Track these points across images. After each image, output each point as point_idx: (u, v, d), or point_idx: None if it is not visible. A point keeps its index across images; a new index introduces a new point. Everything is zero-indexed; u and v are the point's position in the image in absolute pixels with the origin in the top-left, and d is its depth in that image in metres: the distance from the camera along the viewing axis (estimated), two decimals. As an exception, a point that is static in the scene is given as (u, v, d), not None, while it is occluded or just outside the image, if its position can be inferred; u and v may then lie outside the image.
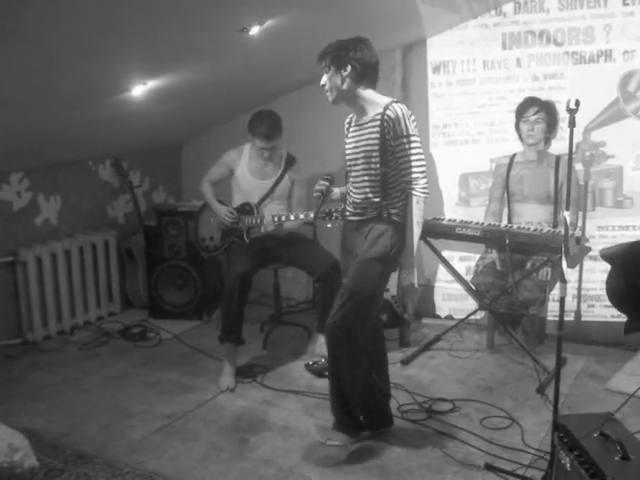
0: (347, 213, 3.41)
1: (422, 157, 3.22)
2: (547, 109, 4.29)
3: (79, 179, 5.19)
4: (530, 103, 4.32)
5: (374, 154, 3.21)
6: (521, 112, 4.34)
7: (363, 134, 3.24)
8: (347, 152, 3.36)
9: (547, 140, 4.35)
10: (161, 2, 2.75)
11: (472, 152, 4.86)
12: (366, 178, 3.26)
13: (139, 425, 3.67)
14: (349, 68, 3.15)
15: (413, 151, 3.19)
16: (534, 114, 4.27)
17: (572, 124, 2.83)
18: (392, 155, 3.19)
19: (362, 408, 3.44)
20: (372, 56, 3.20)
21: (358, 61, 3.16)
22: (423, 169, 3.21)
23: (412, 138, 3.19)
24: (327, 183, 3.35)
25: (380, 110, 3.20)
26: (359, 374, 3.35)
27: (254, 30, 3.35)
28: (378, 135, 3.18)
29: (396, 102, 3.22)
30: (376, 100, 3.25)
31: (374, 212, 3.27)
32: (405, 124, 3.15)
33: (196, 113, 5.13)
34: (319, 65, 3.22)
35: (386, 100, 3.24)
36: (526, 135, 4.32)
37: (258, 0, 3.15)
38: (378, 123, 3.19)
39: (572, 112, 2.83)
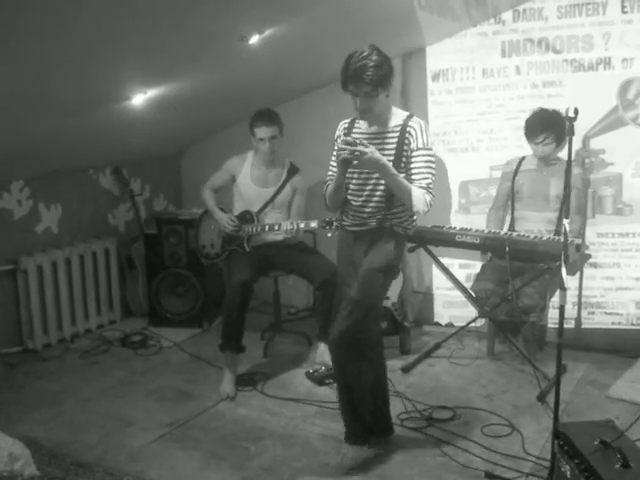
0: (345, 223, 3.39)
1: (433, 172, 3.20)
2: (555, 127, 4.15)
3: (80, 187, 5.20)
4: (538, 129, 4.18)
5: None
6: (529, 135, 4.24)
7: (378, 144, 3.19)
8: None
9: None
10: (162, 11, 2.77)
11: (472, 160, 4.87)
12: (373, 187, 3.23)
13: (139, 433, 3.67)
14: (389, 86, 3.15)
15: (428, 164, 3.18)
16: (543, 140, 4.19)
17: (571, 132, 2.84)
18: (404, 167, 3.19)
19: (371, 415, 3.43)
20: None
21: (392, 75, 3.16)
22: (432, 182, 3.19)
23: (430, 152, 3.20)
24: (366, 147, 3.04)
25: (399, 122, 3.19)
26: (366, 381, 3.36)
27: (254, 39, 3.36)
28: (395, 146, 3.17)
29: (415, 116, 3.24)
30: (394, 111, 3.25)
31: (376, 222, 3.25)
32: (426, 137, 3.18)
33: (196, 121, 5.15)
34: (369, 91, 3.04)
35: (403, 112, 3.26)
36: (536, 155, 4.30)
37: (258, 9, 3.16)
38: (397, 134, 3.18)
39: (571, 120, 2.84)
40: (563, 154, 4.36)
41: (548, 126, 4.18)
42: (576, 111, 2.84)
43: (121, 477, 3.23)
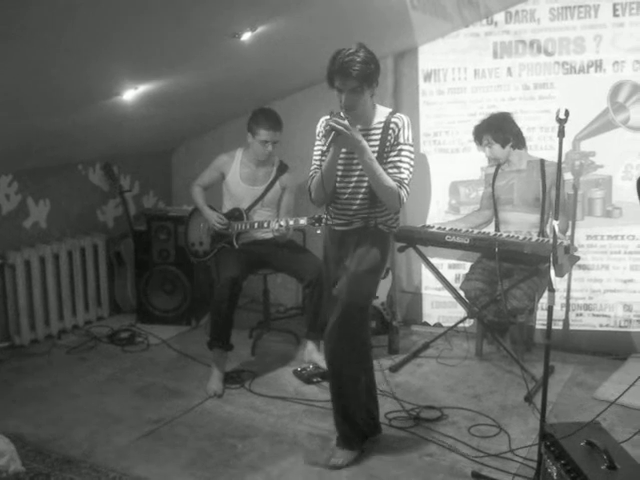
0: (330, 222, 3.37)
1: (411, 169, 3.17)
2: (487, 128, 4.27)
3: (69, 183, 5.17)
4: (476, 135, 4.37)
5: None
6: (476, 143, 4.44)
7: None
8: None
9: (515, 148, 4.31)
10: (153, 7, 2.75)
11: (463, 160, 4.88)
12: (356, 186, 3.22)
13: (126, 430, 3.65)
14: (375, 84, 3.14)
15: (407, 159, 3.16)
16: (480, 142, 4.35)
17: (561, 134, 2.85)
18: (386, 164, 3.17)
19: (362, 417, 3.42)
20: None
21: (379, 73, 3.15)
22: (407, 178, 3.15)
23: (411, 148, 3.18)
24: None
25: (382, 119, 3.18)
26: (361, 386, 3.35)
27: (246, 36, 3.36)
28: (379, 142, 3.16)
29: (398, 112, 3.23)
30: (378, 109, 3.24)
31: (361, 221, 3.25)
32: (409, 133, 3.17)
33: (187, 118, 5.13)
34: (355, 86, 3.03)
35: (386, 109, 3.25)
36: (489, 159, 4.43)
37: (250, 6, 3.15)
38: (380, 130, 3.17)
39: (561, 122, 2.85)
40: (541, 154, 4.40)
41: (481, 130, 4.31)
42: (567, 112, 2.85)
43: (107, 474, 3.21)
